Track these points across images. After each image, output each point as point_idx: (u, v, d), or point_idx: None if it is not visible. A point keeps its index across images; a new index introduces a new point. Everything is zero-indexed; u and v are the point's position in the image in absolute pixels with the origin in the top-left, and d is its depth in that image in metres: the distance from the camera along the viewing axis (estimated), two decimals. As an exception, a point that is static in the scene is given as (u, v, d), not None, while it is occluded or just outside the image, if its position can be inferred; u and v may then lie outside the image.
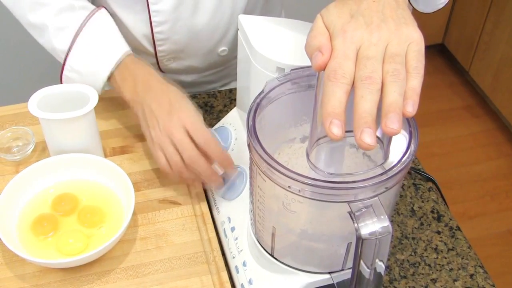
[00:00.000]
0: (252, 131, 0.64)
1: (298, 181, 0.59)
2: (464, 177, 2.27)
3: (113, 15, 1.00)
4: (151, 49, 1.06)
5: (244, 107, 0.91)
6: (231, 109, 0.97)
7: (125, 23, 1.02)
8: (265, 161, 0.61)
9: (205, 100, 1.08)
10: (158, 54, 1.06)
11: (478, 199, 2.20)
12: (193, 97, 1.06)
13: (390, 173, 0.58)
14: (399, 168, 0.59)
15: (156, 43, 1.04)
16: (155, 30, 1.01)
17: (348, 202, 0.58)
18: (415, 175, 0.97)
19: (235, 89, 1.07)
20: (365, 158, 0.71)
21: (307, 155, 0.63)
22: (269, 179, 0.62)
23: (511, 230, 2.11)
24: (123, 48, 0.93)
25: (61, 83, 0.95)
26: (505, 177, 2.28)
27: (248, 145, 0.64)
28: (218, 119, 0.99)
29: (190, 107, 0.85)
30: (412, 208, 0.92)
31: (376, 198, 0.58)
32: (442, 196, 0.94)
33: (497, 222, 2.12)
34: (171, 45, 1.04)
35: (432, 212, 0.91)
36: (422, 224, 0.89)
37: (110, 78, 0.92)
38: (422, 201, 0.92)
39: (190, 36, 1.03)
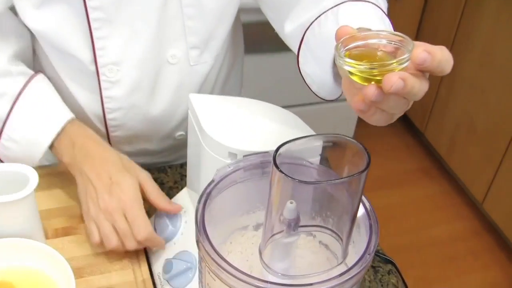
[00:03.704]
0: (201, 226, 0.59)
1: (248, 283, 0.54)
2: (422, 241, 2.25)
3: (63, 89, 0.95)
4: (104, 132, 1.00)
5: (194, 188, 0.86)
6: (182, 186, 0.92)
7: (77, 98, 0.96)
8: (214, 261, 0.56)
9: (154, 176, 1.03)
10: (111, 139, 1.01)
11: (437, 263, 2.18)
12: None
13: (347, 276, 0.54)
14: (358, 270, 0.55)
15: (109, 128, 0.98)
16: (108, 116, 0.96)
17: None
18: (374, 257, 0.93)
19: (186, 163, 1.02)
20: (322, 247, 0.67)
21: (260, 254, 0.59)
22: (218, 278, 0.57)
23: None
24: (65, 116, 0.88)
25: None
26: (463, 240, 2.27)
27: (197, 241, 0.59)
28: (169, 196, 0.94)
29: (131, 186, 0.82)
30: (372, 292, 0.88)
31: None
32: (402, 279, 0.90)
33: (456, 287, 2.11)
34: (125, 131, 0.99)
35: (392, 296, 0.87)
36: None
37: (50, 146, 0.88)
38: (382, 285, 0.88)
39: (146, 123, 0.99)
